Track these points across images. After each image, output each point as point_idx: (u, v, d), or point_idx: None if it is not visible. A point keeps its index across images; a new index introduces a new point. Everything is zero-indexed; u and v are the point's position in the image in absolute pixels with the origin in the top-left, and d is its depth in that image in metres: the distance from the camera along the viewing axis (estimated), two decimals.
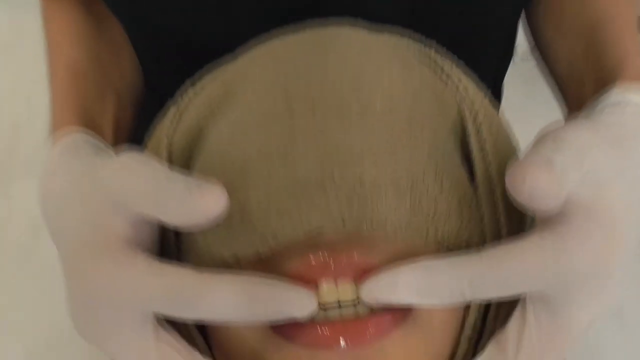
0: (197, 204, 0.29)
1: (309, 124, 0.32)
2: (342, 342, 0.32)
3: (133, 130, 0.49)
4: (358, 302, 0.33)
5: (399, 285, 0.30)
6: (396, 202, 0.32)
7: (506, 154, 0.35)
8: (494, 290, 0.30)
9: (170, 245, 0.35)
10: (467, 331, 0.35)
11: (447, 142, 0.35)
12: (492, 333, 0.34)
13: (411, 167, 0.33)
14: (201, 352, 0.34)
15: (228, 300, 0.29)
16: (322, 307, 0.31)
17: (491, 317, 0.35)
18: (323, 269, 0.31)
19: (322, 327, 0.32)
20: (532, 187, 0.29)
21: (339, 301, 0.31)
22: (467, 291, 0.30)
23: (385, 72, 0.34)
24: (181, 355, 0.32)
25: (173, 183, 0.30)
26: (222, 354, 0.35)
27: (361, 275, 0.32)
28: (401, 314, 0.33)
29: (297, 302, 0.30)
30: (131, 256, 0.31)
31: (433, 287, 0.30)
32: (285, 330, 0.33)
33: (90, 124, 0.43)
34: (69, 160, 0.36)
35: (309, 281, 0.31)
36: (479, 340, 0.35)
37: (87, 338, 0.33)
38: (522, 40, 0.54)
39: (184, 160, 0.36)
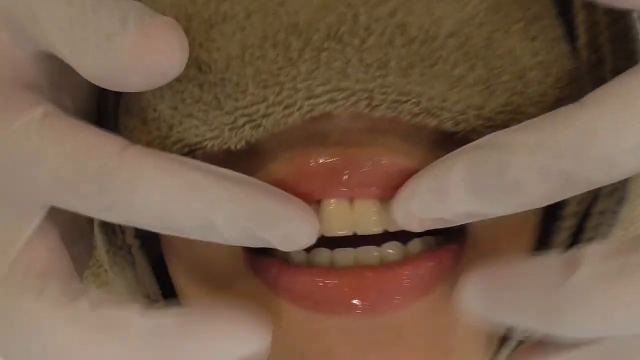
0: (136, 48, 0.18)
1: None
2: (358, 304, 0.20)
3: None
4: (384, 231, 0.21)
5: (452, 185, 0.18)
6: (461, 70, 0.19)
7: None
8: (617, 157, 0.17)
9: (108, 108, 0.24)
10: None
11: None
12: None
13: (487, 15, 0.20)
14: (141, 270, 0.25)
15: (166, 198, 0.18)
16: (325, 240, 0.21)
17: None
18: (329, 176, 0.20)
19: (325, 278, 0.20)
20: None
21: (355, 232, 0.21)
22: (571, 166, 0.17)
23: None
24: (58, 275, 0.19)
25: (98, 7, 0.18)
26: (178, 270, 0.24)
27: (393, 190, 0.20)
28: (450, 259, 0.21)
29: (285, 222, 0.18)
30: (24, 104, 0.19)
31: (509, 175, 0.18)
32: (264, 272, 0.21)
33: None
34: None
35: (305, 197, 0.20)
36: None
37: None
38: None
39: None
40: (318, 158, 0.20)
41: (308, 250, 0.21)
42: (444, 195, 0.18)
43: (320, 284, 0.20)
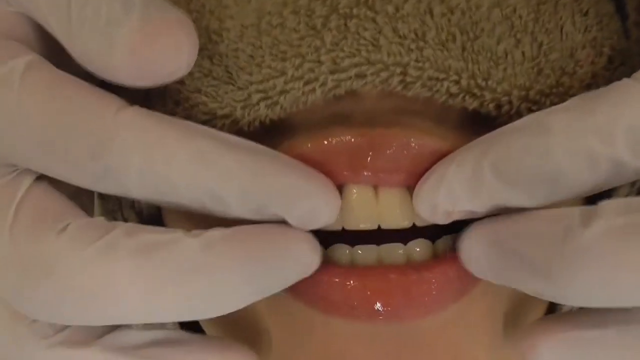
0: (137, 44, 0.16)
1: None
2: (381, 310, 0.18)
3: None
4: (412, 225, 0.19)
5: (484, 173, 0.16)
6: (507, 45, 0.17)
7: None
8: None
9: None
10: None
11: None
12: None
13: None
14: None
15: (168, 168, 0.16)
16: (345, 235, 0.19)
17: None
18: (352, 157, 0.18)
19: (344, 279, 0.18)
20: None
21: (379, 226, 0.19)
22: (623, 153, 0.15)
23: None
24: (75, 214, 0.17)
25: None
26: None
27: (420, 177, 0.18)
28: None
29: (304, 198, 0.17)
30: (6, 53, 0.17)
31: (551, 162, 0.16)
32: None
33: None
34: None
35: None
36: None
37: None
38: None
39: None
40: (339, 137, 0.18)
41: (326, 245, 0.19)
42: (474, 185, 0.16)
43: (339, 285, 0.18)
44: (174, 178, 0.16)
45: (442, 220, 0.18)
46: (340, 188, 0.18)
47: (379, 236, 0.19)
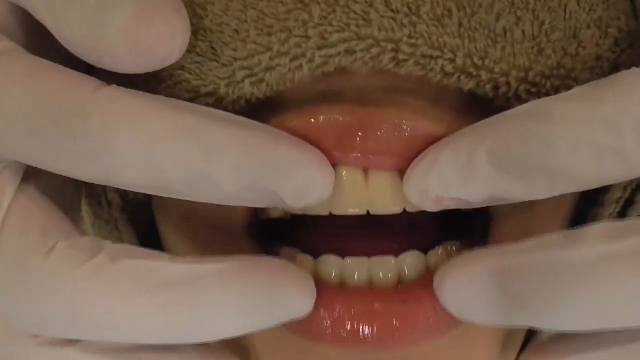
0: (130, 28, 0.15)
1: None
2: (368, 339, 0.17)
3: None
4: (402, 210, 0.18)
5: (481, 160, 0.15)
6: (506, 22, 0.16)
7: None
8: None
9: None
10: None
11: None
12: None
13: None
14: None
15: (152, 144, 0.15)
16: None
17: None
18: (340, 137, 0.17)
19: (330, 305, 0.18)
20: None
21: (368, 212, 0.18)
22: (631, 146, 0.15)
23: None
24: (62, 232, 0.17)
25: None
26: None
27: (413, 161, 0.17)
28: None
29: (299, 171, 0.16)
30: None
31: (553, 152, 0.15)
32: None
33: None
34: None
35: None
36: None
37: None
38: None
39: None
40: (327, 115, 0.17)
41: (315, 255, 0.19)
42: (469, 172, 0.15)
43: (325, 314, 0.17)
44: (161, 157, 0.15)
45: (433, 207, 0.17)
46: None
47: (370, 233, 0.19)
